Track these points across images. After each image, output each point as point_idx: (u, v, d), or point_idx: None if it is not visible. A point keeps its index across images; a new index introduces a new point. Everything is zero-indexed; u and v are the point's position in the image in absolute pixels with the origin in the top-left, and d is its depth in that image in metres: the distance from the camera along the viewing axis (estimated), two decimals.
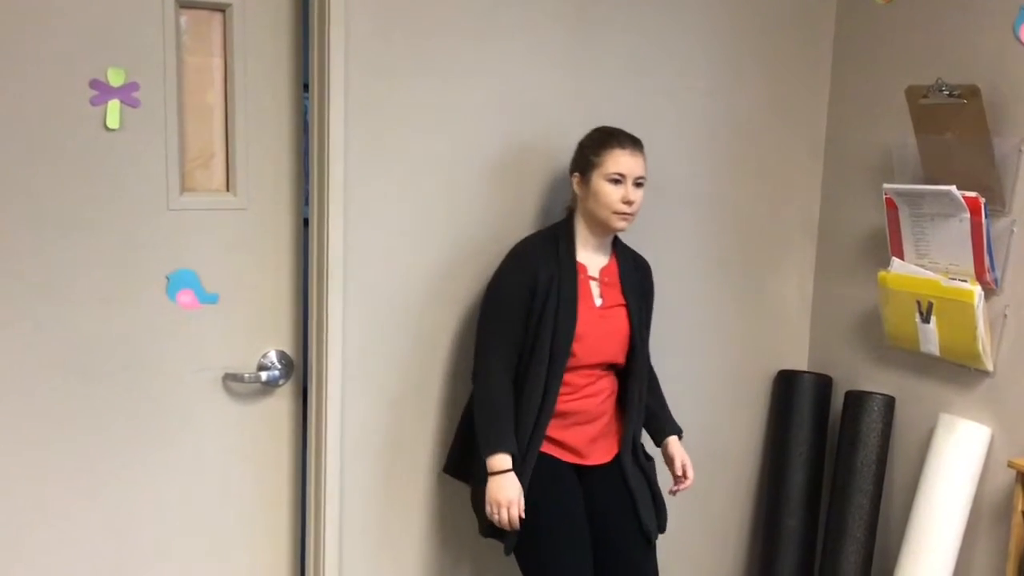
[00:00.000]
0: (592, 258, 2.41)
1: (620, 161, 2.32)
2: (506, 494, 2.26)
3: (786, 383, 2.97)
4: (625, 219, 2.34)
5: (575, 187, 2.40)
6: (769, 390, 3.07)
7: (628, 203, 2.32)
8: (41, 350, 2.25)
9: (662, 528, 2.47)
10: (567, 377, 2.35)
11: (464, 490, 2.59)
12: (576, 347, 2.33)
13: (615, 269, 2.43)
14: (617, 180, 2.32)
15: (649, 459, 2.51)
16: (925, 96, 2.53)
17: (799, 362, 3.09)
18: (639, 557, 2.40)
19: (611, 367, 2.44)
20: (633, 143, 2.36)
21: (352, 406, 2.48)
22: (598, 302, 2.39)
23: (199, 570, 2.49)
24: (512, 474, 2.27)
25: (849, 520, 2.75)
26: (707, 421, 2.97)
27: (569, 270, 2.35)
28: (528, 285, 2.32)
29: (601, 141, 2.35)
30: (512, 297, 2.33)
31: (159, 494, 2.42)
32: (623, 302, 2.42)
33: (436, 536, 2.65)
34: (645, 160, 2.37)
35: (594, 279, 2.40)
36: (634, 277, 2.46)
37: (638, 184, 2.34)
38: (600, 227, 2.38)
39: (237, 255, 2.43)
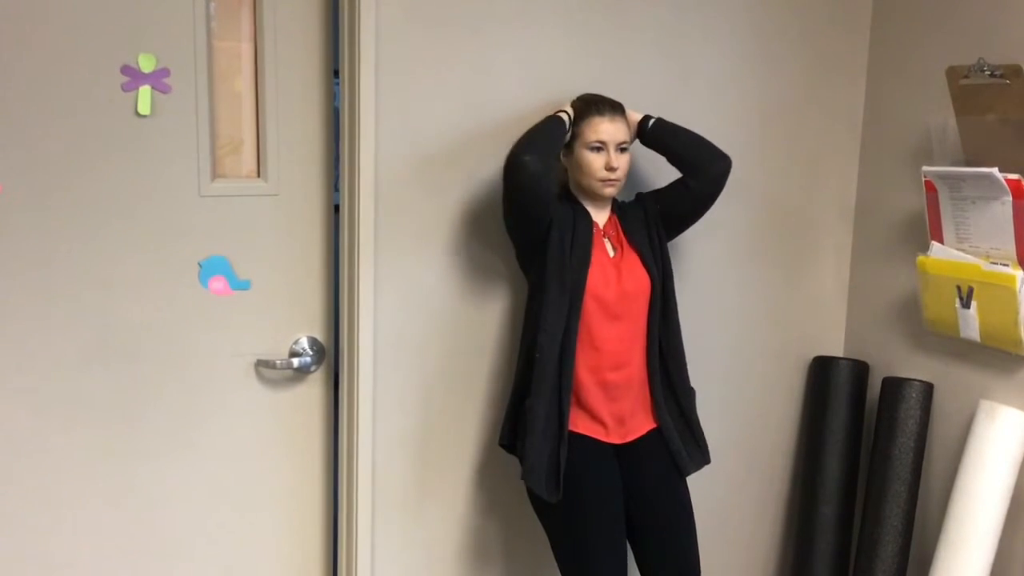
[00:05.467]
0: (597, 217, 2.42)
1: (600, 128, 2.31)
2: None
3: (822, 369, 2.93)
4: (612, 185, 2.34)
5: (562, 161, 2.39)
6: (805, 376, 3.03)
7: (612, 169, 2.31)
8: (73, 337, 2.27)
9: (706, 459, 2.48)
10: (598, 342, 2.31)
11: (497, 473, 2.59)
12: (595, 298, 2.29)
13: (616, 221, 2.43)
14: (599, 148, 2.31)
15: (691, 391, 2.49)
16: (966, 76, 2.48)
17: (835, 348, 3.05)
18: (683, 537, 2.40)
19: (641, 328, 2.39)
20: (612, 108, 2.34)
21: (384, 391, 2.48)
22: (611, 253, 2.38)
23: (231, 555, 2.51)
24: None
25: (886, 508, 2.71)
26: (742, 407, 2.95)
27: (584, 216, 2.36)
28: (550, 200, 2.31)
29: (580, 111, 2.35)
30: None
31: (192, 479, 2.43)
32: (634, 248, 2.40)
33: (469, 522, 2.64)
34: (627, 124, 2.36)
35: (602, 233, 2.40)
36: (633, 221, 2.43)
37: (622, 149, 2.34)
38: (592, 196, 2.39)
39: (269, 241, 2.43)
